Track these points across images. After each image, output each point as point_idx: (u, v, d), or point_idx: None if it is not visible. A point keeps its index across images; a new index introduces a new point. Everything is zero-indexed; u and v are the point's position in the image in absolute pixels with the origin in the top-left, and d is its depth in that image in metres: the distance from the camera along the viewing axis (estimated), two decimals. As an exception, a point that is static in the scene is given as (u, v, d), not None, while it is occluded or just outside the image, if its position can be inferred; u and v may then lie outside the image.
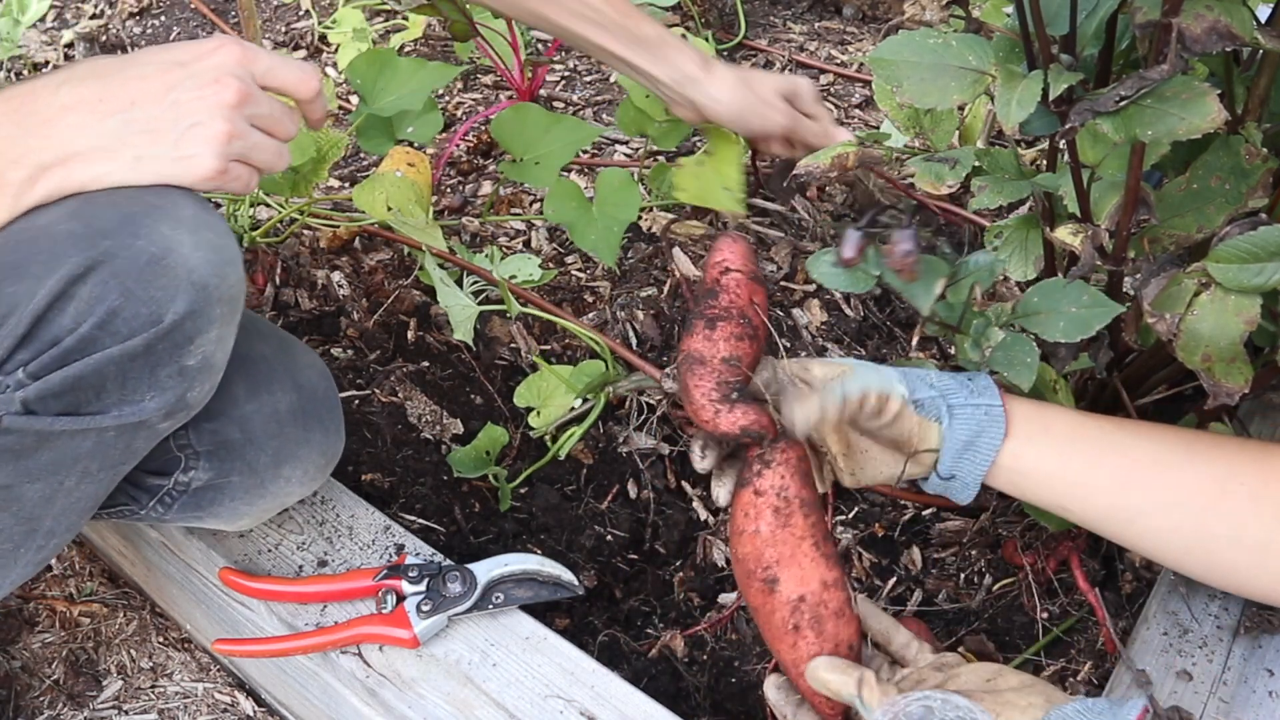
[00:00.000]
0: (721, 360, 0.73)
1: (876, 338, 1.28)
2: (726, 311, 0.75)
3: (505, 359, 1.23)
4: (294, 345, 0.94)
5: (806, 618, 0.71)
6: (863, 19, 1.84)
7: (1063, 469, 0.77)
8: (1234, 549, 0.74)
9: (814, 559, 0.72)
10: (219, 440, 0.85)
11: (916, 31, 0.77)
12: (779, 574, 0.72)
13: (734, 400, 0.72)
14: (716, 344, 0.74)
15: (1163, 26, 0.65)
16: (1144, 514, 0.76)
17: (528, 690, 0.89)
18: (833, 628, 0.71)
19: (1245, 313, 0.71)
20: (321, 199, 1.35)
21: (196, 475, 0.86)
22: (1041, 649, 0.98)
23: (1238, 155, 0.77)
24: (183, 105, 0.71)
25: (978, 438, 0.76)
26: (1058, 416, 0.78)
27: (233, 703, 1.09)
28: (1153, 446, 0.77)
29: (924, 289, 0.81)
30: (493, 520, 1.09)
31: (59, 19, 1.77)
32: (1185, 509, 0.75)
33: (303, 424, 0.89)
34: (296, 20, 1.76)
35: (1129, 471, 0.76)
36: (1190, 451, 0.76)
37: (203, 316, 0.70)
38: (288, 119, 0.77)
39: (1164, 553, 0.78)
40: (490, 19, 1.37)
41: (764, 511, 0.72)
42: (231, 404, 0.85)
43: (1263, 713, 0.86)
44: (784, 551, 0.72)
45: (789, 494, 0.72)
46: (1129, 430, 0.78)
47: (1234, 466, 0.74)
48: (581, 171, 1.48)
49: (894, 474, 0.80)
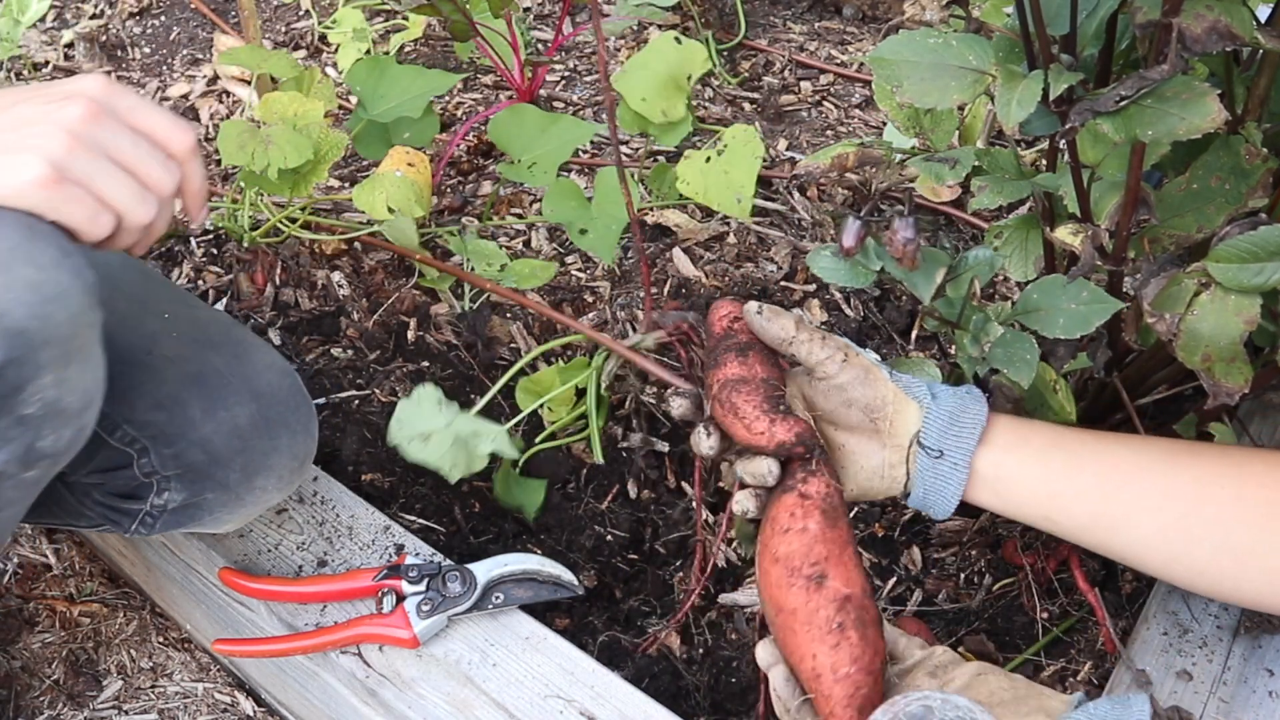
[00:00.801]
0: (762, 380, 0.76)
1: (876, 338, 1.28)
2: (751, 343, 0.78)
3: (505, 359, 1.23)
4: (249, 348, 0.91)
5: (852, 616, 0.70)
6: (863, 19, 1.84)
7: (1044, 477, 0.76)
8: (1219, 555, 0.74)
9: (857, 565, 0.72)
10: (184, 464, 0.85)
11: (916, 31, 0.77)
12: (828, 570, 0.72)
13: (783, 411, 0.75)
14: (753, 366, 0.76)
15: (1163, 26, 0.65)
16: (1128, 521, 0.75)
17: (528, 690, 0.89)
18: (874, 634, 0.70)
19: (1245, 313, 0.70)
20: (321, 199, 1.35)
21: (171, 497, 0.86)
22: (1041, 649, 0.98)
23: (1238, 155, 0.77)
24: (25, 116, 0.68)
25: (963, 412, 0.76)
26: (1035, 428, 0.78)
27: (233, 703, 1.09)
28: (1132, 454, 0.76)
29: (925, 278, 0.81)
30: (493, 520, 1.09)
31: (59, 19, 1.77)
32: (1168, 515, 0.74)
33: (267, 433, 0.87)
34: (296, 20, 1.76)
35: (1110, 479, 0.75)
36: (1170, 458, 0.76)
37: (27, 364, 0.65)
38: (158, 166, 0.72)
39: (1149, 561, 0.77)
40: (490, 19, 1.37)
41: (813, 512, 0.73)
42: (189, 426, 0.84)
43: (1263, 713, 0.86)
44: (833, 550, 0.72)
45: (834, 501, 0.73)
46: (1108, 439, 0.77)
47: (1214, 472, 0.74)
48: (581, 171, 1.48)
49: (876, 475, 0.79)
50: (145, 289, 0.94)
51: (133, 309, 0.90)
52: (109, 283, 0.92)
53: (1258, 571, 0.74)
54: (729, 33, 1.75)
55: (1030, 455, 0.77)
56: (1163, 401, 0.95)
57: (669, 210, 1.38)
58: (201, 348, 0.88)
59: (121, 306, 0.90)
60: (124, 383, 0.85)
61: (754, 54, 1.73)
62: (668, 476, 1.14)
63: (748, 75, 1.68)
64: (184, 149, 0.75)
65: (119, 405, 0.85)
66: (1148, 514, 0.75)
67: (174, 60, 1.70)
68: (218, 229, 1.35)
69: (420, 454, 1.00)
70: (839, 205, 1.42)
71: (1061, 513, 0.76)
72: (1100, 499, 0.75)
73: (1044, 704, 0.68)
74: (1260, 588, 0.75)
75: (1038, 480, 0.76)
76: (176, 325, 0.90)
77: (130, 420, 0.85)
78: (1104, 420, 0.99)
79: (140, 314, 0.90)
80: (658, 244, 1.35)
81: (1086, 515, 0.76)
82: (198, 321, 0.92)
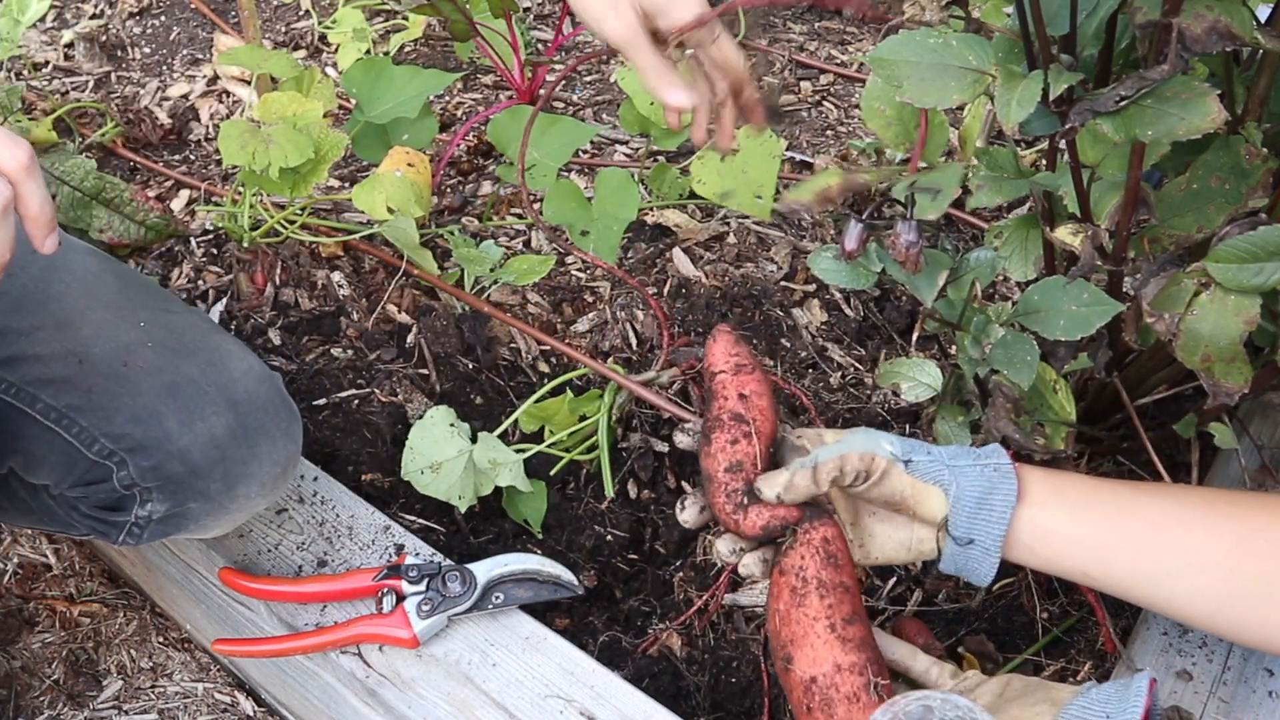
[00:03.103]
0: (724, 471, 0.76)
1: (876, 338, 1.28)
2: (718, 420, 0.78)
3: (506, 359, 1.23)
4: (226, 354, 0.90)
5: (817, 699, 0.71)
6: (863, 19, 1.84)
7: (1081, 533, 0.74)
8: (1264, 608, 0.73)
9: (827, 641, 0.72)
10: (163, 476, 0.84)
11: (916, 31, 0.76)
12: (793, 653, 0.73)
13: (745, 505, 0.75)
14: (716, 458, 0.76)
15: (1163, 26, 0.65)
16: (1170, 576, 0.74)
17: (528, 690, 0.89)
18: (844, 711, 0.71)
19: (1245, 313, 0.70)
20: (321, 199, 1.35)
21: (154, 508, 0.86)
22: (1041, 649, 0.98)
23: (1238, 155, 0.77)
24: None
25: (990, 495, 0.73)
26: (1070, 481, 0.76)
27: (233, 703, 1.09)
28: (1171, 506, 0.75)
29: (927, 281, 0.81)
30: (493, 520, 1.09)
31: (59, 19, 1.77)
32: (1211, 572, 0.73)
33: (246, 442, 0.87)
34: (296, 20, 1.76)
35: (1149, 533, 0.74)
36: (1210, 510, 0.74)
37: None
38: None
39: (1193, 615, 0.75)
40: (490, 19, 1.37)
41: (783, 591, 0.74)
42: (167, 438, 0.84)
43: (1263, 713, 0.86)
44: (797, 631, 0.72)
45: (806, 574, 0.73)
46: (1144, 492, 0.76)
47: (1255, 523, 0.73)
48: (581, 171, 1.48)
49: (903, 548, 0.78)
50: (122, 294, 0.93)
51: (109, 318, 0.90)
52: (87, 291, 0.91)
53: None
54: (729, 33, 1.75)
55: (1065, 510, 0.74)
56: (1163, 401, 0.95)
57: (669, 210, 1.38)
58: (177, 356, 0.87)
59: (98, 316, 0.90)
60: (101, 395, 0.85)
61: (754, 54, 1.74)
62: (667, 476, 1.14)
63: (748, 75, 1.68)
64: (13, 166, 0.69)
65: (97, 418, 0.85)
66: (1191, 570, 0.73)
67: (174, 60, 1.70)
68: (218, 229, 1.35)
69: (429, 488, 1.01)
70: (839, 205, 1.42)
71: (1100, 568, 0.75)
72: (1140, 555, 0.74)
73: (1051, 695, 0.69)
74: None
75: (1074, 536, 0.74)
76: (152, 333, 0.89)
77: (108, 433, 0.85)
78: (1104, 420, 0.99)
79: (116, 322, 0.90)
80: (658, 244, 1.35)
81: (1126, 571, 0.74)
82: (173, 328, 0.91)
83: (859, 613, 0.73)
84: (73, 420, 0.86)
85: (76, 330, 0.88)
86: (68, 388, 0.86)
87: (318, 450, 1.12)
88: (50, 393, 0.87)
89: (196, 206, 1.42)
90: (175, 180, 1.46)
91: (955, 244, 1.38)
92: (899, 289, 1.31)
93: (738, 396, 0.78)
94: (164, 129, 1.54)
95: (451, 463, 1.01)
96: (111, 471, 0.85)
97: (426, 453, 1.02)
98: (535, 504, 1.08)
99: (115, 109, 1.54)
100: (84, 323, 0.89)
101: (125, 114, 1.53)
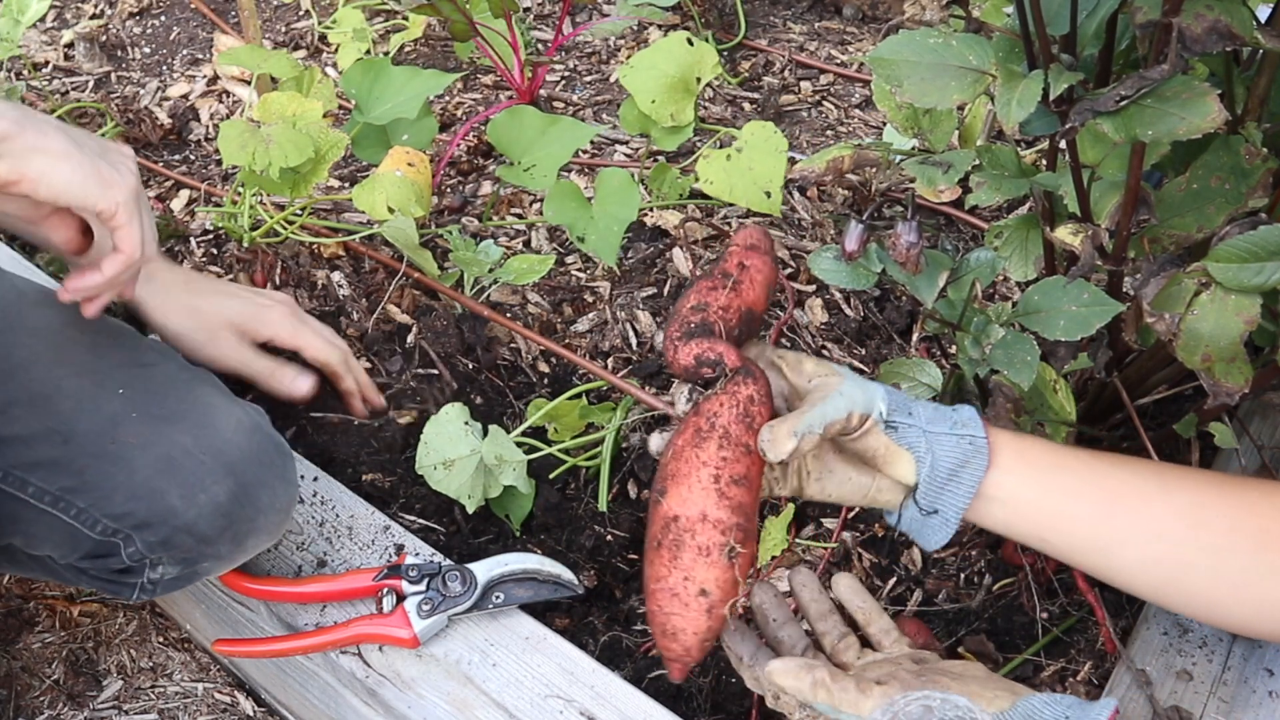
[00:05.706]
0: (689, 308, 0.75)
1: (877, 338, 1.28)
2: (708, 273, 0.77)
3: (506, 359, 1.23)
4: (211, 411, 0.89)
5: (669, 538, 0.69)
6: (863, 19, 1.84)
7: (1043, 499, 0.75)
8: (1212, 581, 0.73)
9: (706, 488, 0.69)
10: (172, 546, 0.84)
11: (916, 31, 0.77)
12: (668, 487, 0.70)
13: (692, 334, 0.73)
14: (688, 297, 0.76)
15: (1163, 26, 0.65)
16: (1122, 546, 0.74)
17: (528, 690, 0.89)
18: (689, 559, 0.68)
19: (1245, 312, 0.71)
20: (321, 199, 1.35)
21: (166, 570, 0.86)
22: (1041, 649, 0.98)
23: (1238, 155, 0.77)
24: None
25: (962, 468, 0.73)
26: (1036, 447, 0.76)
27: (233, 703, 1.09)
28: (1130, 477, 0.76)
29: (927, 281, 0.81)
30: (493, 520, 1.09)
31: (59, 19, 1.77)
32: (1163, 541, 0.73)
33: (249, 501, 0.86)
34: (296, 20, 1.76)
35: (1108, 503, 0.74)
36: (1162, 483, 0.75)
37: None
38: None
39: (1142, 586, 0.76)
40: (490, 19, 1.37)
41: (688, 429, 0.71)
42: (171, 514, 0.83)
43: (1263, 713, 0.86)
44: (682, 468, 0.70)
45: (717, 421, 0.70)
46: (1107, 461, 0.77)
47: (1210, 500, 0.74)
48: (581, 171, 1.48)
49: (859, 493, 0.77)
50: (93, 352, 0.90)
51: (87, 386, 0.87)
52: (56, 355, 0.87)
53: (1250, 600, 0.73)
54: (729, 33, 1.75)
55: (1029, 477, 0.75)
56: (1163, 401, 0.95)
57: (668, 210, 1.38)
58: (165, 424, 0.85)
59: (73, 385, 0.86)
60: (95, 475, 0.84)
61: (754, 54, 1.74)
62: (668, 476, 1.14)
63: (748, 75, 1.68)
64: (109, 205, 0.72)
65: (94, 498, 0.83)
66: (1143, 540, 0.74)
67: (174, 60, 1.70)
68: (218, 229, 1.35)
69: (442, 484, 1.01)
70: (839, 205, 1.42)
71: (1058, 534, 0.75)
72: (1098, 523, 0.74)
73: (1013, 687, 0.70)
74: (1250, 616, 0.75)
75: (1036, 501, 0.75)
76: (134, 401, 0.87)
77: (109, 514, 0.84)
78: (1104, 420, 0.99)
79: (96, 391, 0.87)
80: (657, 244, 1.35)
81: (1081, 538, 0.75)
82: (153, 388, 0.89)
83: (750, 481, 0.71)
84: (69, 503, 0.84)
85: (54, 405, 0.85)
86: (57, 470, 0.84)
87: (318, 451, 1.12)
88: (40, 476, 0.84)
89: (196, 207, 1.42)
90: (175, 180, 1.46)
91: (955, 244, 1.38)
92: (899, 289, 1.31)
93: (737, 264, 0.77)
94: (164, 129, 1.54)
95: (464, 461, 1.01)
96: (119, 547, 0.84)
97: (440, 449, 1.02)
98: (520, 503, 1.08)
99: (115, 109, 1.54)
100: (60, 395, 0.85)
101: (125, 114, 1.53)
